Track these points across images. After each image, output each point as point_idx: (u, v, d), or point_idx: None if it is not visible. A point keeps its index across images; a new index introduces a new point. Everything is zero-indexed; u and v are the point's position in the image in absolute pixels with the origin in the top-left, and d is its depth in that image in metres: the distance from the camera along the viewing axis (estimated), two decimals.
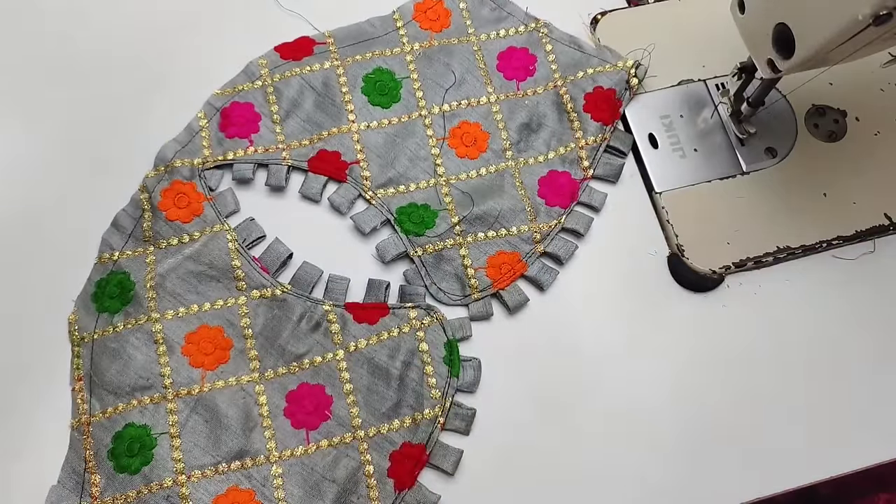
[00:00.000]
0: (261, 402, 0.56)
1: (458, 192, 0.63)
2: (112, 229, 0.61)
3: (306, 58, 0.66)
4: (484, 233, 0.61)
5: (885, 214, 0.63)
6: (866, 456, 0.58)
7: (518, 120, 0.65)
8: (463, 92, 0.66)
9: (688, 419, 0.58)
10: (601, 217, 0.63)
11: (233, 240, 0.60)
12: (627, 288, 0.61)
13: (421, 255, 0.61)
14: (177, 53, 0.66)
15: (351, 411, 0.56)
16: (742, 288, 0.62)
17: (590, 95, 0.65)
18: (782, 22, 0.51)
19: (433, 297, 0.60)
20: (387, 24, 0.68)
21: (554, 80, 0.66)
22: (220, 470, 0.54)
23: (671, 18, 0.69)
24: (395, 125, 0.64)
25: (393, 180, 0.63)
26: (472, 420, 0.57)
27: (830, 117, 0.66)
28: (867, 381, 0.60)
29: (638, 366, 0.59)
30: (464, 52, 0.67)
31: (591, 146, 0.64)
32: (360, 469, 0.55)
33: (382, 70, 0.66)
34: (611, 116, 0.65)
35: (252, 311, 0.58)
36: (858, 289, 0.62)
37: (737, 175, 0.64)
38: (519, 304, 0.60)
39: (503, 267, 0.61)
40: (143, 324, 0.57)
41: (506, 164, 0.64)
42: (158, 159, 0.62)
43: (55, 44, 0.66)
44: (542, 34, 0.68)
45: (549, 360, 0.59)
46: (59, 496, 0.54)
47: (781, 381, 0.59)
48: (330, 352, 0.57)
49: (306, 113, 0.64)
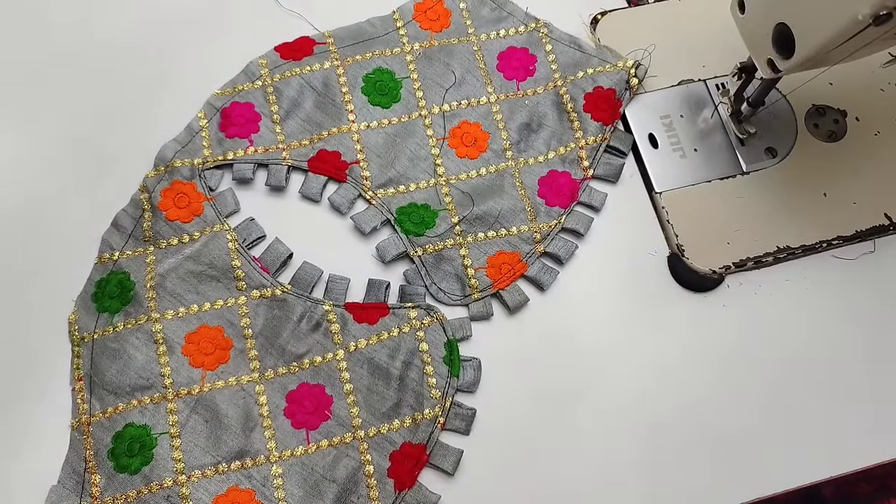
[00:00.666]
0: (261, 402, 0.56)
1: (458, 192, 0.62)
2: (112, 229, 0.61)
3: (306, 58, 0.66)
4: (484, 233, 0.61)
5: (885, 214, 0.63)
6: (866, 456, 0.58)
7: (518, 120, 0.65)
8: (463, 92, 0.66)
9: (688, 419, 0.58)
10: (601, 217, 0.63)
11: (233, 240, 0.60)
12: (627, 288, 0.61)
13: (421, 255, 0.61)
14: (177, 53, 0.66)
15: (351, 411, 0.56)
16: (742, 288, 0.62)
17: (590, 95, 0.65)
18: (782, 22, 0.51)
19: (433, 297, 0.60)
20: (387, 24, 0.68)
21: (554, 80, 0.66)
22: (220, 470, 0.54)
23: (671, 18, 0.69)
24: (396, 125, 0.64)
25: (393, 180, 0.63)
26: (473, 420, 0.57)
27: (830, 117, 0.66)
28: (867, 381, 0.60)
29: (638, 366, 0.59)
30: (464, 52, 0.67)
31: (591, 146, 0.64)
32: (360, 469, 0.55)
33: (382, 70, 0.66)
34: (611, 116, 0.65)
35: (252, 311, 0.58)
36: (858, 289, 0.62)
37: (737, 175, 0.64)
38: (519, 304, 0.60)
39: (503, 267, 0.61)
40: (143, 324, 0.57)
41: (506, 164, 0.64)
42: (158, 159, 0.62)
43: (55, 45, 0.66)
44: (542, 34, 0.68)
45: (549, 360, 0.59)
46: (59, 496, 0.54)
47: (781, 381, 0.59)
48: (330, 352, 0.57)
49: (306, 113, 0.64)
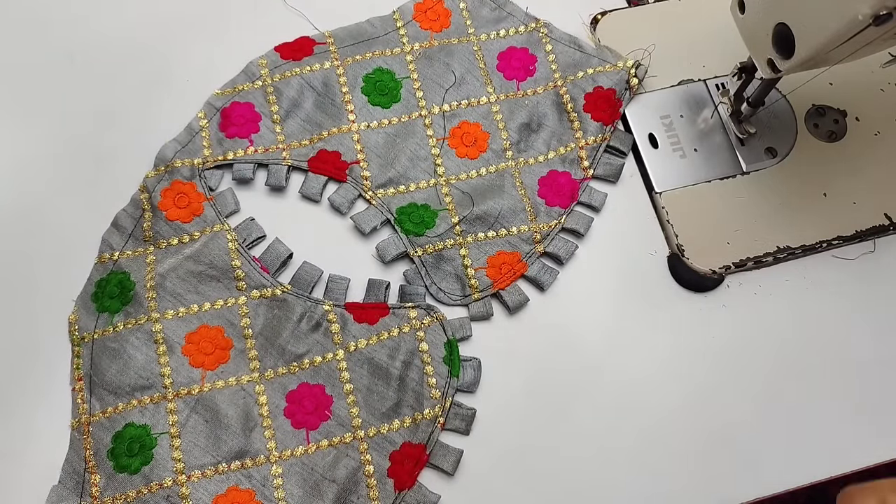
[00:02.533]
0: (261, 402, 0.56)
1: (458, 192, 0.62)
2: (112, 229, 0.61)
3: (306, 58, 0.66)
4: (484, 233, 0.61)
5: (885, 214, 0.63)
6: (866, 456, 0.58)
7: (518, 120, 0.65)
8: (463, 92, 0.66)
9: (687, 418, 0.58)
10: (601, 217, 0.63)
11: (233, 240, 0.60)
12: (627, 288, 0.61)
13: (421, 255, 0.61)
14: (177, 53, 0.66)
15: (351, 411, 0.56)
16: (742, 288, 0.62)
17: (590, 95, 0.65)
18: (782, 22, 0.51)
19: (433, 297, 0.60)
20: (387, 24, 0.68)
21: (554, 80, 0.66)
22: (220, 470, 0.54)
23: (671, 18, 0.69)
24: (396, 125, 0.64)
25: (393, 180, 0.63)
26: (472, 420, 0.57)
27: (830, 117, 0.66)
28: (867, 381, 0.60)
29: (638, 365, 0.59)
30: (464, 52, 0.67)
31: (591, 146, 0.64)
32: (360, 469, 0.55)
33: (382, 70, 0.66)
34: (611, 116, 0.65)
35: (252, 310, 0.58)
36: (858, 289, 0.62)
37: (737, 175, 0.64)
38: (519, 304, 0.60)
39: (503, 267, 0.61)
40: (143, 324, 0.57)
41: (506, 164, 0.64)
42: (158, 159, 0.62)
43: (55, 44, 0.66)
44: (542, 34, 0.68)
45: (548, 359, 0.59)
46: (59, 496, 0.54)
47: (781, 381, 0.59)
48: (330, 352, 0.57)
49: (306, 113, 0.64)
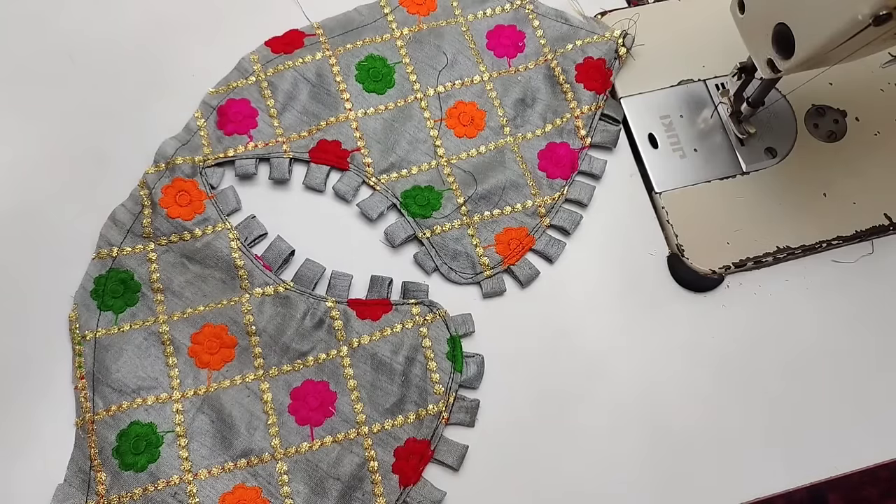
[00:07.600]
0: (265, 400, 0.56)
1: (460, 171, 0.63)
2: (110, 223, 0.60)
3: (297, 50, 0.66)
4: (490, 211, 0.62)
5: (884, 214, 0.64)
6: (866, 456, 0.58)
7: (513, 96, 0.66)
8: (456, 72, 0.66)
9: (688, 418, 0.58)
10: (601, 217, 0.63)
11: (234, 238, 0.60)
12: (627, 288, 0.62)
13: (429, 236, 0.61)
14: (170, 53, 0.66)
15: (355, 407, 0.56)
16: (742, 288, 0.62)
17: (581, 66, 0.66)
18: (782, 22, 0.51)
19: (445, 277, 0.60)
20: (374, 11, 0.68)
21: (544, 54, 0.67)
22: (226, 468, 0.54)
23: (671, 18, 0.70)
24: (392, 110, 0.65)
25: (395, 165, 0.63)
26: (476, 411, 0.57)
27: (830, 117, 0.67)
28: (867, 381, 0.60)
29: (638, 365, 0.59)
30: (453, 34, 0.67)
31: (586, 115, 0.65)
32: (365, 465, 0.55)
33: (374, 57, 0.66)
34: (602, 85, 0.65)
35: (256, 308, 0.58)
36: (858, 289, 0.62)
37: (737, 175, 0.64)
38: (530, 278, 0.60)
39: (512, 243, 0.61)
40: (150, 325, 0.58)
41: (504, 140, 0.64)
42: (158, 156, 0.62)
43: (53, 41, 0.66)
44: (528, 10, 0.68)
45: (550, 358, 0.59)
46: (65, 494, 0.54)
47: (781, 381, 0.59)
48: (333, 348, 0.57)
49: (302, 105, 0.65)
